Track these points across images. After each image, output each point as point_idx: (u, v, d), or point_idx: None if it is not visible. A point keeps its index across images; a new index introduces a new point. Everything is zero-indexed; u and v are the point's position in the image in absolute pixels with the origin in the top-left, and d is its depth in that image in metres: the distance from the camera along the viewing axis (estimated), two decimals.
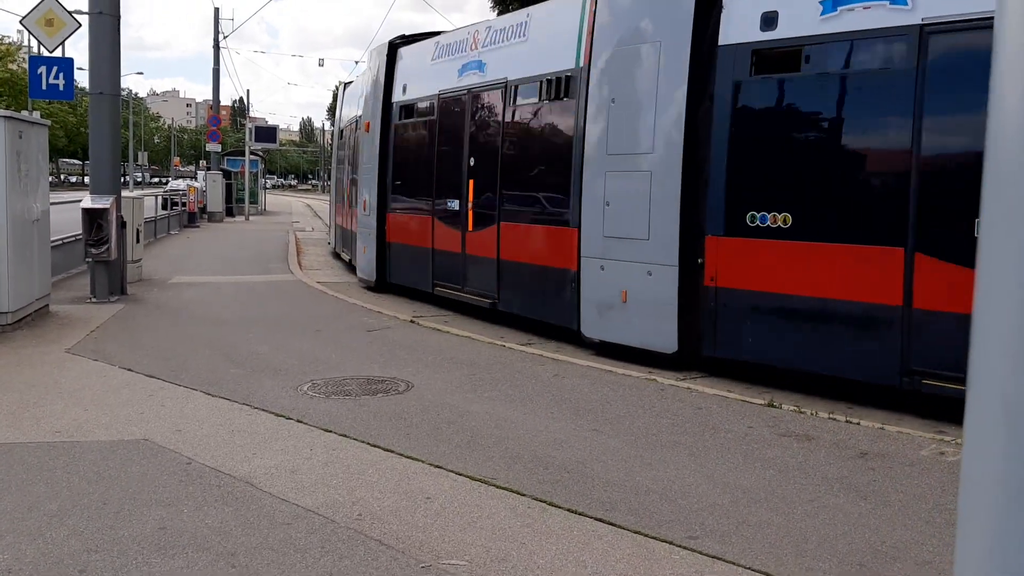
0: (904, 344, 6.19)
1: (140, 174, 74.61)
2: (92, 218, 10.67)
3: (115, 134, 11.50)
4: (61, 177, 79.29)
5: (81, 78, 21.86)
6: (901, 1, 6.20)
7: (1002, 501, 0.78)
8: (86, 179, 24.10)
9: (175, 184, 47.77)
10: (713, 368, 7.60)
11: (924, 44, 6.04)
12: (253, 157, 36.78)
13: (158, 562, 3.62)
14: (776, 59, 7.10)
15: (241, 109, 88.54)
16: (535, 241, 9.55)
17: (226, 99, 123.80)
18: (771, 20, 6.99)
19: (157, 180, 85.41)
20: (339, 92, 21.23)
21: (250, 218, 33.07)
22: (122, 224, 11.23)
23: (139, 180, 70.06)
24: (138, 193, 18.19)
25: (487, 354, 8.19)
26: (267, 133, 37.56)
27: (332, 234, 20.96)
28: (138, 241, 12.97)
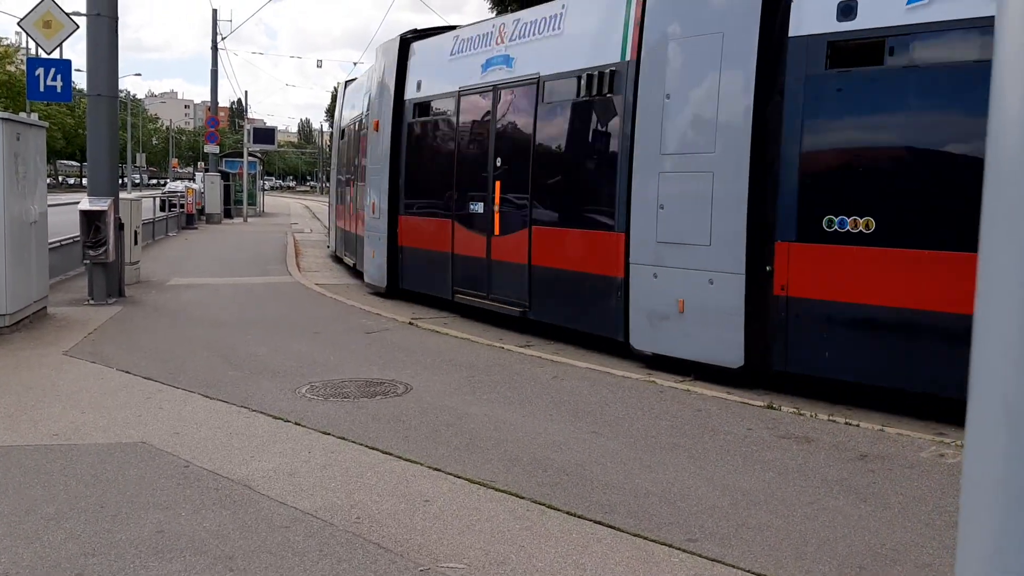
0: None
1: (138, 176, 74.63)
2: (90, 220, 10.66)
3: (113, 136, 11.49)
4: (59, 179, 79.22)
5: (79, 80, 21.89)
6: None
7: (1003, 502, 0.78)
8: (84, 181, 24.08)
9: (173, 186, 47.75)
10: (783, 384, 7.02)
11: None
12: (251, 159, 36.77)
13: (155, 565, 3.61)
14: (855, 52, 6.55)
15: (239, 110, 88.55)
16: (573, 246, 8.99)
17: (224, 100, 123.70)
18: (849, 9, 6.47)
19: (155, 182, 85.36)
20: (339, 91, 20.16)
21: (248, 220, 33.05)
22: (120, 226, 11.21)
23: (137, 182, 70.08)
24: (136, 195, 18.23)
25: (486, 356, 8.18)
26: (265, 134, 37.55)
27: (332, 237, 20.12)
28: (136, 243, 12.96)
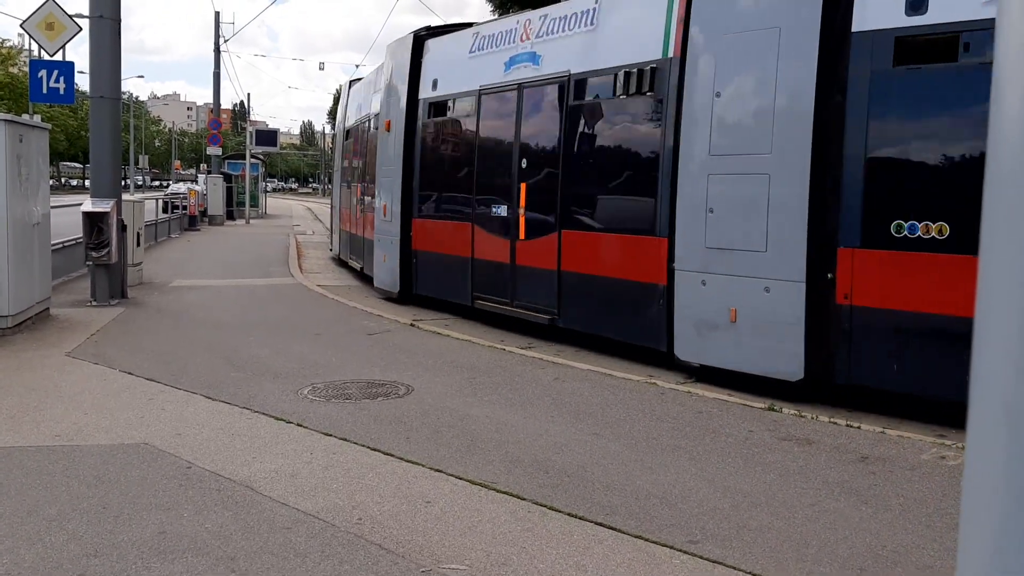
0: None
1: (141, 177, 74.63)
2: (93, 222, 10.68)
3: (116, 137, 11.51)
4: (62, 180, 79.38)
5: (82, 81, 21.90)
6: None
7: (1004, 504, 0.78)
8: (87, 182, 24.17)
9: (176, 187, 47.87)
10: (845, 398, 6.64)
11: None
12: (254, 160, 36.81)
13: (158, 566, 3.62)
14: (925, 47, 6.22)
15: (242, 112, 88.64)
16: (608, 251, 8.62)
17: (227, 102, 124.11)
18: (919, 3, 6.13)
19: (158, 183, 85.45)
20: (343, 91, 19.54)
21: (251, 221, 33.09)
22: (123, 228, 11.23)
23: (140, 183, 70.13)
24: (139, 196, 18.24)
25: (487, 358, 8.18)
26: (268, 136, 37.61)
27: (335, 240, 19.53)
28: (139, 245, 12.98)
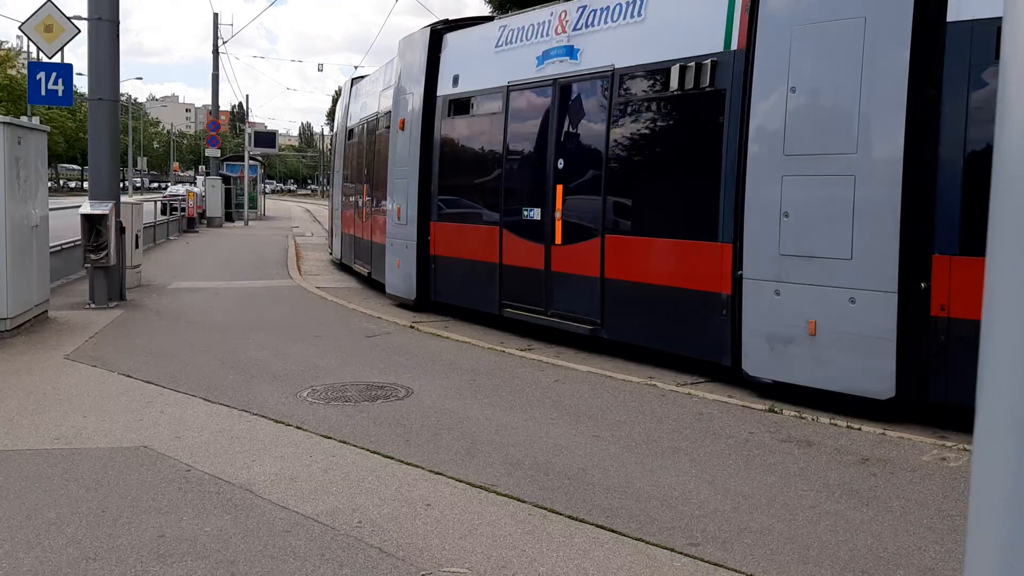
0: None
1: (139, 179, 74.59)
2: (91, 224, 10.66)
3: (114, 139, 11.51)
4: (60, 182, 79.34)
5: (80, 83, 21.91)
6: None
7: (1012, 517, 0.77)
8: (85, 184, 24.17)
9: (174, 189, 47.85)
10: (939, 418, 6.19)
11: None
12: (252, 162, 36.82)
13: (157, 570, 3.61)
14: None
15: (240, 114, 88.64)
16: (661, 258, 8.06)
17: (225, 104, 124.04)
18: None
19: (156, 185, 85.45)
20: (344, 89, 18.74)
21: (249, 223, 33.08)
22: (121, 230, 11.22)
23: (138, 185, 70.07)
24: (137, 198, 18.22)
25: (487, 360, 8.17)
26: (266, 138, 37.62)
27: (336, 243, 18.67)
28: (137, 247, 12.96)
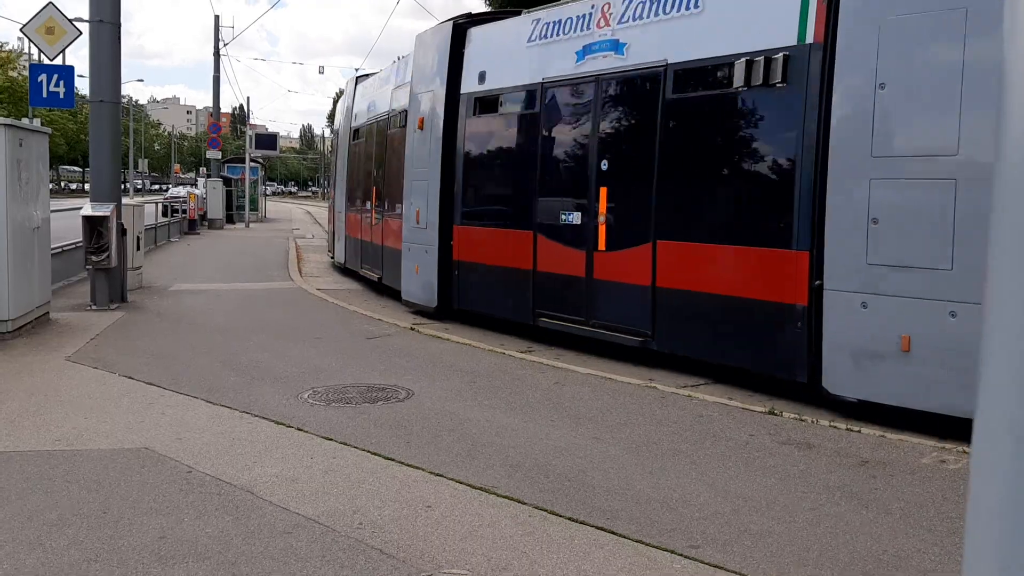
0: None
1: (140, 181, 74.61)
2: (92, 225, 10.68)
3: (116, 142, 11.52)
4: (61, 184, 79.37)
5: (82, 85, 21.89)
6: None
7: (1009, 527, 0.78)
8: (86, 186, 24.20)
9: (175, 191, 47.95)
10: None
11: None
12: (253, 164, 36.84)
13: (158, 571, 3.62)
14: None
15: (241, 116, 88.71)
16: (722, 266, 7.56)
17: (226, 106, 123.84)
18: None
19: (157, 187, 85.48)
20: (348, 88, 18.12)
21: (250, 225, 33.11)
22: (122, 231, 11.23)
23: (139, 187, 70.06)
24: (138, 200, 18.21)
25: (487, 361, 8.18)
26: (267, 140, 37.64)
27: (339, 247, 17.99)
28: (138, 248, 12.98)
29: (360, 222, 15.73)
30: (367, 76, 17.09)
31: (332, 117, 42.22)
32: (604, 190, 8.63)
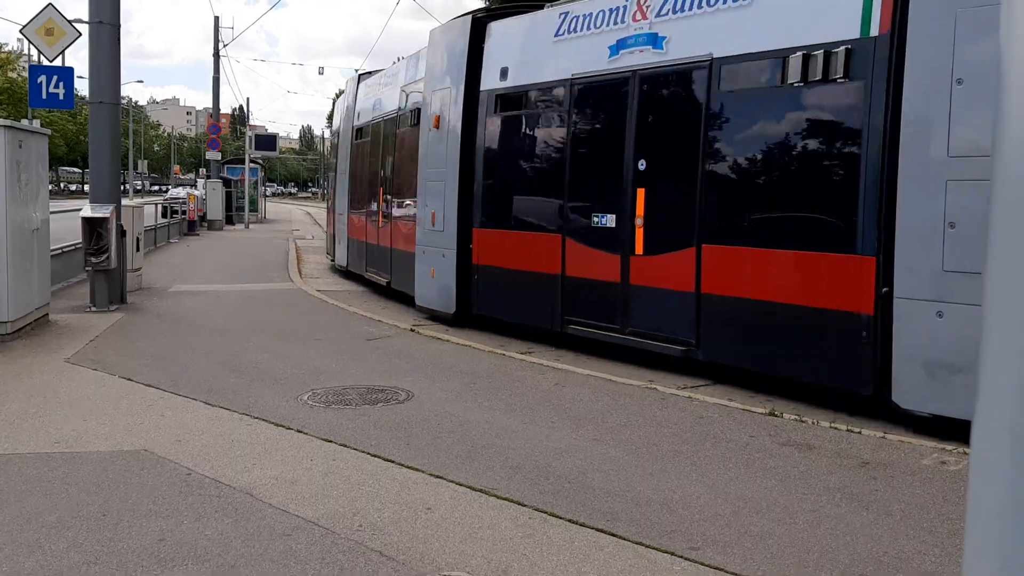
0: None
1: (140, 182, 74.67)
2: (92, 227, 10.67)
3: (115, 143, 11.52)
4: (61, 185, 79.44)
5: (81, 87, 21.91)
6: None
7: (1008, 518, 0.78)
8: (86, 187, 24.23)
9: (175, 192, 47.96)
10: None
11: None
12: (253, 165, 36.87)
13: (158, 574, 3.61)
14: None
15: (241, 117, 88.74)
16: (776, 271, 7.14)
17: (226, 107, 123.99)
18: None
19: (157, 188, 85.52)
20: (350, 87, 17.56)
21: (250, 226, 33.12)
22: (122, 233, 11.23)
23: (139, 188, 70.15)
24: (138, 201, 18.23)
25: (488, 363, 8.18)
26: (267, 141, 37.68)
27: (340, 250, 17.40)
28: (138, 250, 12.97)
29: (365, 224, 15.10)
30: (370, 74, 16.61)
31: (331, 118, 42.25)
32: (642, 191, 8.19)
